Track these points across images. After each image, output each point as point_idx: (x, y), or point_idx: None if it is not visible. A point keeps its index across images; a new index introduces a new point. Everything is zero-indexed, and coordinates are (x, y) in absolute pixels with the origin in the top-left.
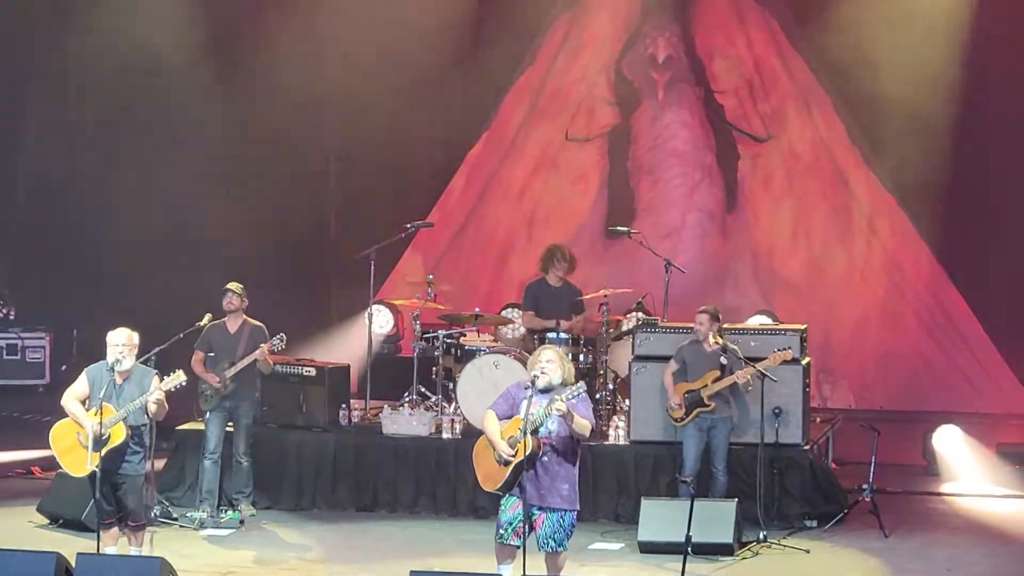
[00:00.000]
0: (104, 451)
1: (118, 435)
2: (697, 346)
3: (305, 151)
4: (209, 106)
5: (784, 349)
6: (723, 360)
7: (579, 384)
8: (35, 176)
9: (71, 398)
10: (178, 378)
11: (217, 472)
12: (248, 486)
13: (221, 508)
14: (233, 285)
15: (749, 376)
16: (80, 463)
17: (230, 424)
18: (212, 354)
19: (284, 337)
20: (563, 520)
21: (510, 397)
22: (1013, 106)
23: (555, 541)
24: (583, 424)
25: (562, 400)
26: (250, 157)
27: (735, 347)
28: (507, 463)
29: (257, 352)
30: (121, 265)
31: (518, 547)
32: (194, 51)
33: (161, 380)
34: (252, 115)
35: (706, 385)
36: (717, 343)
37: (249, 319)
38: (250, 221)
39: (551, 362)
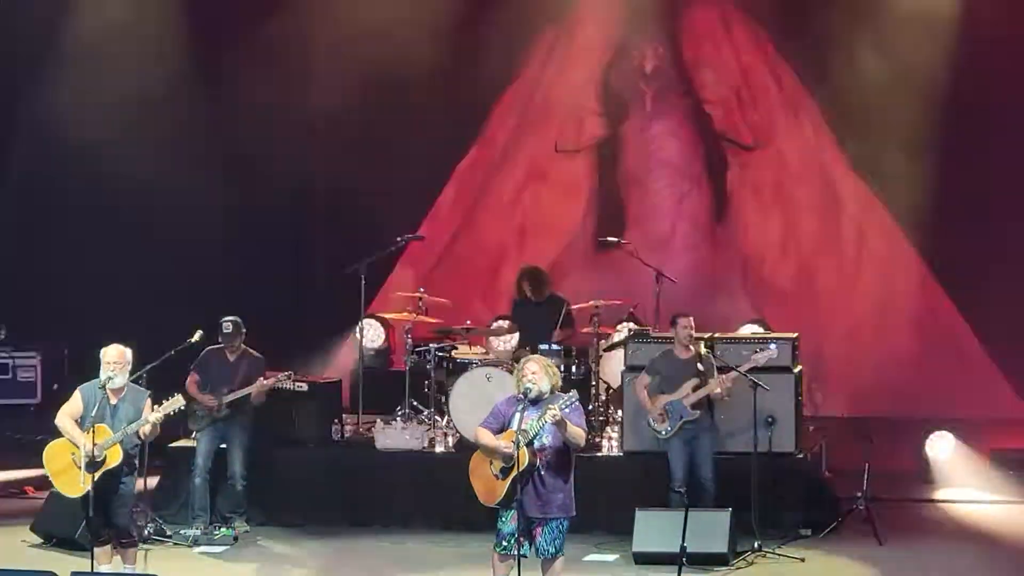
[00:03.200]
0: (99, 473)
1: (114, 457)
2: (671, 357)
3: (293, 166)
4: (194, 123)
5: (767, 348)
6: (700, 367)
7: (571, 393)
8: (23, 193)
9: (65, 416)
10: (176, 403)
11: (207, 489)
12: (242, 507)
13: (215, 525)
14: (232, 325)
15: (729, 384)
16: (74, 484)
17: (222, 445)
18: (206, 380)
19: (292, 374)
20: (561, 527)
21: (500, 415)
22: (1003, 109)
23: (554, 547)
24: (577, 433)
25: (556, 409)
26: (238, 172)
27: (710, 356)
28: (506, 476)
29: (254, 387)
30: (112, 283)
31: (521, 556)
32: (176, 67)
33: (154, 402)
34: (238, 130)
35: (687, 394)
36: (691, 351)
37: (249, 350)
38: (239, 236)
39: (536, 373)
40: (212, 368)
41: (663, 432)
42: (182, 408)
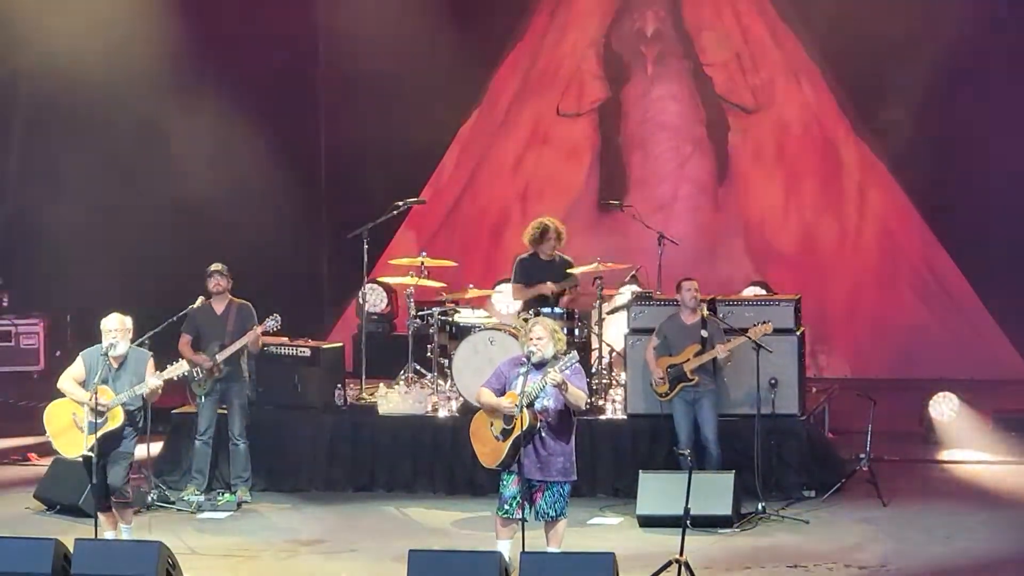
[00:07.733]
0: (100, 433)
1: (115, 419)
2: (677, 320)
3: (296, 130)
4: (198, 85)
5: (765, 323)
6: (704, 333)
7: (572, 354)
8: (27, 161)
9: (68, 379)
10: (180, 368)
11: (208, 452)
12: (246, 470)
13: (218, 491)
14: (217, 266)
15: (729, 351)
16: (74, 444)
17: (223, 407)
18: (200, 336)
19: (278, 317)
20: (562, 490)
21: (502, 376)
22: (1005, 70)
23: (555, 510)
24: (577, 395)
25: (556, 371)
26: (242, 137)
27: (717, 320)
28: (506, 438)
29: (248, 336)
30: (115, 249)
31: (521, 520)
32: (176, 26)
33: (156, 364)
34: (242, 95)
35: (688, 359)
36: (696, 315)
37: (235, 298)
38: (242, 201)
39: (541, 339)
40: (203, 324)
41: (662, 394)
42: (185, 374)
